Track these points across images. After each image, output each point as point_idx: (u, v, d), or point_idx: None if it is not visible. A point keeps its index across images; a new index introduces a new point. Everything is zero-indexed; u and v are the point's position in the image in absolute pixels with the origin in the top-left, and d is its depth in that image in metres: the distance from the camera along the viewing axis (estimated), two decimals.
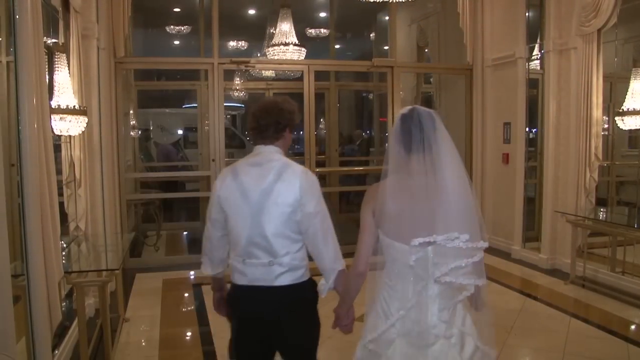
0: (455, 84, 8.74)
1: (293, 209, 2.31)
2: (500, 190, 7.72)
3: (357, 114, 15.13)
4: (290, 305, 2.35)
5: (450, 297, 2.00)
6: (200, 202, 9.47)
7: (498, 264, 7.00)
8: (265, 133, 2.43)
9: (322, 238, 2.34)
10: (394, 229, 2.01)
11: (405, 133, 2.01)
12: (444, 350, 1.98)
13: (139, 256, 7.54)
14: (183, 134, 13.05)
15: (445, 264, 1.94)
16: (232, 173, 2.43)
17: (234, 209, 2.38)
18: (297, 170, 2.38)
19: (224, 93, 7.38)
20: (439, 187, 1.96)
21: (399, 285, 2.04)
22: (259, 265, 2.33)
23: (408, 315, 2.01)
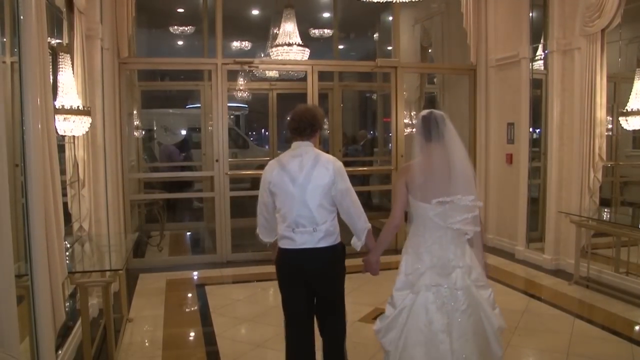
0: (459, 84, 8.72)
1: (329, 187, 3.14)
2: (504, 190, 7.69)
3: (361, 114, 15.11)
4: (328, 260, 3.18)
5: (459, 240, 2.92)
6: (204, 202, 9.55)
7: (502, 264, 6.98)
8: (304, 132, 3.23)
9: (353, 207, 3.19)
10: (420, 193, 2.92)
11: (426, 128, 2.96)
12: (459, 275, 2.88)
13: (143, 256, 7.53)
14: (186, 134, 13.06)
15: (458, 216, 2.87)
16: (279, 164, 3.22)
17: (283, 190, 3.15)
18: (329, 159, 3.22)
19: (227, 93, 7.37)
20: (449, 164, 2.88)
21: (427, 234, 2.95)
22: (305, 233, 3.13)
23: (432, 252, 2.92)
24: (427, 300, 2.88)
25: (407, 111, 9.26)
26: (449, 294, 2.86)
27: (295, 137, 3.28)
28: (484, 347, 2.93)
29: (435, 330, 2.84)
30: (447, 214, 2.88)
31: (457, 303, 2.85)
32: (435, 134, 2.95)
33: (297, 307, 3.26)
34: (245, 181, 12.47)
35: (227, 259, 7.27)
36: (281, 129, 11.68)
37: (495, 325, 2.96)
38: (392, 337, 2.98)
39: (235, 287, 6.33)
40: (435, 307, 2.86)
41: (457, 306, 2.85)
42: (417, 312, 2.89)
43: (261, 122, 17.51)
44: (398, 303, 2.98)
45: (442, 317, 2.85)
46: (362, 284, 3.86)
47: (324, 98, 10.53)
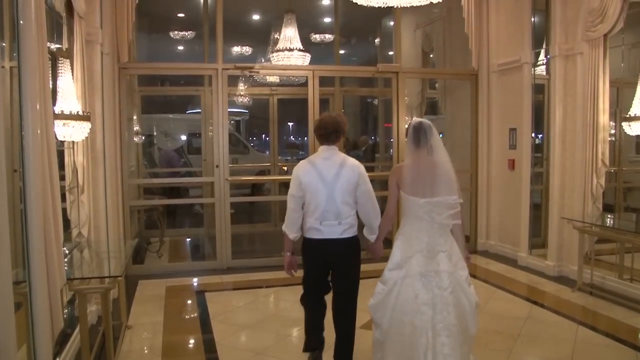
0: (461, 90, 8.72)
1: (354, 187, 3.75)
2: (506, 196, 7.68)
3: (362, 120, 15.12)
4: (349, 249, 3.81)
5: (443, 230, 3.47)
6: (204, 208, 9.47)
7: (504, 270, 6.96)
8: (329, 138, 3.83)
9: (371, 205, 3.82)
10: (410, 189, 3.50)
11: (416, 136, 3.51)
12: (443, 259, 3.41)
13: (142, 263, 7.51)
14: (187, 139, 13.06)
15: (442, 213, 3.45)
16: (310, 164, 3.82)
17: (314, 188, 3.74)
18: (354, 162, 3.83)
19: (227, 99, 7.37)
20: (434, 166, 3.47)
21: (416, 222, 3.49)
22: (331, 225, 3.73)
23: (421, 238, 3.45)
24: (415, 279, 3.43)
25: (408, 117, 9.17)
26: (434, 275, 3.40)
27: (322, 142, 3.89)
28: (463, 320, 3.43)
29: (419, 303, 3.37)
30: (434, 211, 3.45)
31: (440, 282, 3.39)
32: (424, 141, 3.51)
33: (316, 282, 3.95)
34: (246, 187, 12.51)
35: (228, 265, 7.25)
36: (282, 134, 11.64)
37: (473, 300, 3.47)
38: (384, 313, 3.52)
39: (236, 293, 6.31)
40: (422, 284, 3.40)
41: (441, 284, 3.38)
42: (406, 288, 3.43)
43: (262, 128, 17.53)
44: (390, 282, 3.52)
45: (426, 292, 3.38)
46: (364, 290, 4.01)
47: (324, 103, 10.49)
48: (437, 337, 3.33)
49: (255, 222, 10.92)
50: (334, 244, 3.78)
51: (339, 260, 3.83)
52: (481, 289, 6.11)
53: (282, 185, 10.14)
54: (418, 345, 3.34)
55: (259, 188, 11.98)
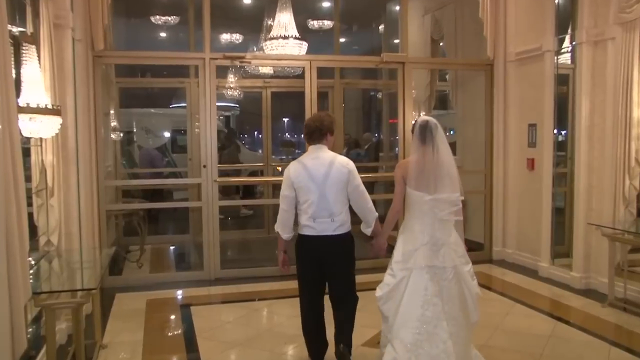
0: (474, 81, 8.70)
1: (344, 184, 4.18)
2: (525, 199, 7.65)
3: (365, 115, 15.16)
4: (342, 245, 4.24)
5: (446, 224, 3.96)
6: (189, 212, 9.48)
7: (523, 282, 6.92)
8: (313, 136, 4.29)
9: (364, 199, 4.27)
10: (415, 184, 3.96)
11: (422, 134, 3.96)
12: (447, 251, 3.91)
13: (120, 274, 7.49)
14: (170, 137, 13.04)
15: (445, 209, 3.93)
16: (300, 164, 4.25)
17: (305, 186, 4.17)
18: (343, 160, 4.28)
19: (216, 91, 7.38)
20: (438, 163, 3.92)
21: (421, 217, 3.95)
22: (324, 222, 4.16)
23: (428, 232, 3.91)
24: (422, 271, 3.90)
25: (415, 111, 9.23)
26: (440, 269, 3.89)
27: (309, 142, 4.36)
28: (466, 310, 3.97)
29: (429, 295, 3.85)
30: (437, 207, 3.92)
31: (445, 274, 3.89)
32: (430, 139, 3.94)
33: (312, 280, 4.31)
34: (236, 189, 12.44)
35: (216, 276, 7.24)
36: (276, 131, 11.64)
37: (474, 291, 4.01)
38: (392, 304, 3.96)
39: (225, 307, 6.30)
40: (429, 276, 3.88)
41: (446, 276, 3.89)
42: (415, 280, 3.89)
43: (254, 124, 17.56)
44: (398, 274, 3.97)
45: (434, 285, 3.87)
46: (367, 303, 4.30)
47: (323, 97, 10.54)
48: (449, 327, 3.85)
49: (247, 228, 10.95)
50: (328, 240, 4.20)
51: (333, 257, 4.25)
52: (497, 303, 6.13)
53: (277, 188, 10.13)
54: (434, 335, 3.80)
55: (251, 190, 11.93)
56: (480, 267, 7.46)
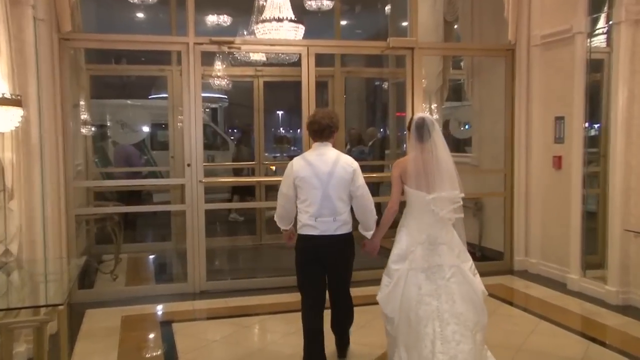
0: (493, 69, 8.67)
1: (348, 183, 4.53)
2: (551, 203, 7.63)
3: (369, 108, 15.34)
4: (344, 245, 4.61)
5: (444, 223, 4.31)
6: (171, 217, 9.52)
7: (550, 296, 6.87)
8: (323, 134, 4.62)
9: (367, 200, 4.61)
10: (413, 183, 4.35)
11: (419, 132, 4.33)
12: (445, 250, 4.26)
13: (91, 287, 7.47)
14: (150, 131, 12.99)
15: (445, 207, 4.26)
16: (304, 161, 4.59)
17: (309, 184, 4.52)
18: (348, 158, 4.64)
19: (201, 81, 7.37)
20: (437, 161, 4.28)
21: (419, 216, 4.36)
22: (326, 222, 4.50)
23: (425, 231, 4.30)
24: (418, 270, 4.27)
25: (426, 103, 9.27)
26: (437, 268, 4.24)
27: (315, 139, 4.68)
28: (472, 309, 4.22)
29: (422, 294, 4.20)
30: (437, 205, 4.26)
31: (443, 273, 4.23)
32: (427, 137, 4.31)
33: (313, 282, 4.66)
34: (224, 191, 12.36)
35: (201, 288, 7.24)
36: (269, 126, 11.65)
37: (479, 290, 4.29)
38: (393, 305, 4.31)
39: (211, 324, 6.32)
40: (425, 276, 4.24)
41: (443, 275, 4.23)
42: (411, 279, 4.26)
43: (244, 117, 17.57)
44: (395, 274, 4.34)
45: (430, 284, 4.21)
46: (371, 319, 4.64)
47: (322, 87, 10.62)
48: (446, 326, 4.12)
49: (237, 235, 10.95)
50: (329, 240, 4.55)
51: (334, 257, 4.62)
52: (520, 320, 6.12)
53: (270, 189, 10.10)
54: (424, 335, 4.12)
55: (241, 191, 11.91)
56: (500, 279, 7.53)
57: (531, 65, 7.85)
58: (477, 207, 8.89)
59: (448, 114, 9.93)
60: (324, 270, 4.67)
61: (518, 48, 7.94)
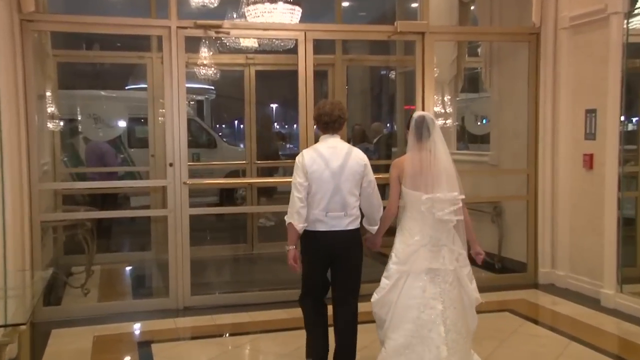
0: (515, 56, 8.64)
1: (360, 177, 4.79)
2: (581, 207, 7.57)
3: (374, 100, 15.30)
4: (354, 241, 4.88)
5: (445, 225, 4.56)
6: (151, 223, 9.52)
7: (581, 314, 6.79)
8: (335, 125, 4.85)
9: (375, 196, 4.92)
10: (411, 183, 4.62)
11: (418, 131, 4.64)
12: (447, 254, 4.52)
13: (59, 304, 7.43)
14: (127, 127, 12.95)
15: (444, 209, 4.49)
16: (316, 152, 4.82)
17: (320, 177, 4.74)
18: (359, 152, 4.89)
19: (185, 70, 7.35)
20: (436, 161, 4.57)
21: (419, 217, 4.60)
22: (337, 217, 4.75)
23: (427, 233, 4.55)
24: (421, 273, 4.50)
25: (438, 95, 9.32)
26: (441, 271, 4.50)
27: (325, 131, 4.91)
28: (464, 316, 4.57)
29: (427, 297, 4.44)
30: (435, 206, 4.51)
31: (447, 277, 4.50)
32: (426, 135, 4.61)
33: (318, 281, 4.98)
34: (211, 194, 12.28)
35: (185, 304, 7.21)
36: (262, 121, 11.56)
37: (473, 297, 4.66)
38: (388, 308, 4.57)
39: (196, 344, 6.32)
40: (429, 278, 4.49)
41: (446, 279, 4.50)
42: (413, 281, 4.50)
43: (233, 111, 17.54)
44: (394, 276, 4.59)
45: (434, 287, 4.47)
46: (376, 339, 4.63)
47: (321, 77, 10.72)
48: (448, 333, 4.40)
49: (226, 243, 10.94)
50: (340, 236, 4.81)
51: (344, 253, 4.87)
52: (546, 341, 6.05)
53: (263, 192, 10.00)
54: (427, 340, 4.38)
55: (229, 194, 11.83)
56: (523, 294, 7.49)
57: (558, 51, 7.78)
58: (497, 213, 8.84)
59: (463, 107, 9.88)
60: (330, 267, 4.95)
61: (544, 31, 7.87)
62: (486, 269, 8.15)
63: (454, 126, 10.25)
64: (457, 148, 10.37)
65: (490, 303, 6.98)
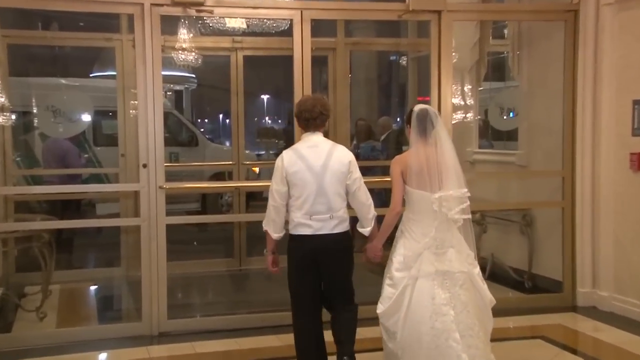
0: (548, 38, 8.58)
1: (344, 176, 5.14)
2: (628, 215, 7.55)
3: (381, 91, 15.24)
4: (343, 245, 5.22)
5: (451, 225, 4.92)
6: (121, 235, 9.49)
7: (628, 342, 6.72)
8: (316, 122, 5.22)
9: (364, 195, 5.24)
10: (416, 181, 4.93)
11: (421, 125, 5.01)
12: (454, 255, 4.89)
13: (9, 331, 7.40)
14: (92, 121, 12.88)
15: (453, 208, 4.83)
16: (296, 153, 5.18)
17: (301, 179, 5.07)
18: (343, 150, 5.28)
19: (161, 55, 7.32)
20: (441, 156, 4.93)
21: (422, 218, 4.94)
22: (322, 220, 5.08)
23: (429, 234, 4.86)
24: (428, 278, 4.79)
25: (457, 84, 9.46)
26: (449, 275, 4.80)
27: (306, 129, 5.29)
28: (480, 318, 4.86)
29: (438, 304, 4.71)
30: (444, 205, 4.81)
31: (455, 280, 4.80)
32: (430, 129, 4.95)
33: (307, 293, 5.24)
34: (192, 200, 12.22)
35: (160, 329, 7.20)
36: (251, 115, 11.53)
37: (487, 298, 4.99)
38: (397, 319, 4.83)
39: None
40: (437, 283, 4.77)
41: (455, 282, 4.80)
42: (421, 289, 4.78)
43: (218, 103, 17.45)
44: (400, 284, 4.86)
45: (443, 292, 4.75)
46: None
47: (320, 64, 10.91)
48: (463, 338, 4.66)
49: (208, 258, 10.90)
50: (326, 240, 5.13)
51: (331, 258, 5.19)
52: None
53: (252, 198, 9.90)
54: (446, 349, 4.64)
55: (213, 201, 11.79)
56: (558, 318, 7.43)
57: (601, 31, 7.74)
58: (526, 222, 8.77)
59: (487, 98, 9.83)
60: (320, 277, 5.27)
61: (583, 8, 7.82)
62: (515, 288, 8.15)
63: (475, 121, 10.24)
64: (479, 146, 10.31)
65: (521, 328, 6.99)
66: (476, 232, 8.10)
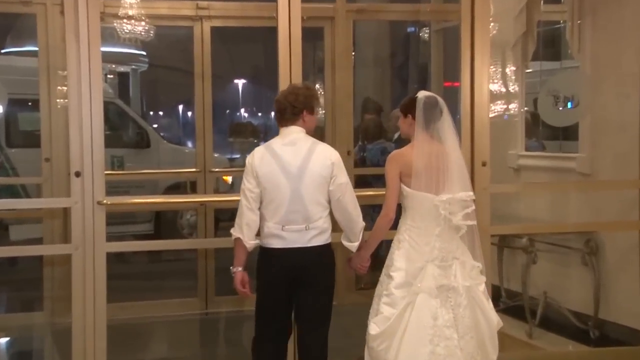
0: (619, 4, 8.62)
1: (326, 181, 5.47)
2: None
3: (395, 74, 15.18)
4: (320, 261, 5.56)
5: (454, 233, 5.40)
6: (43, 268, 9.47)
7: None
8: (285, 115, 5.60)
9: (352, 203, 5.60)
10: (418, 182, 5.31)
11: (427, 115, 5.42)
12: (458, 268, 5.32)
13: None
14: (4, 113, 12.85)
15: (458, 213, 5.32)
16: (269, 151, 5.54)
17: (274, 183, 5.44)
18: (326, 149, 5.64)
19: (100, 25, 7.23)
20: (447, 154, 5.41)
21: (425, 225, 5.37)
22: (297, 231, 5.43)
23: (432, 243, 5.30)
24: (430, 296, 5.14)
25: (497, 65, 9.82)
26: (452, 291, 5.20)
27: (279, 123, 5.66)
28: (482, 344, 5.27)
29: (440, 325, 5.08)
30: (449, 210, 5.24)
31: (459, 298, 5.19)
32: (437, 122, 5.37)
33: (275, 316, 5.63)
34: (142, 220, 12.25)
35: None
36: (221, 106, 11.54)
37: (494, 321, 5.36)
38: (391, 343, 5.17)
39: None
40: (439, 302, 5.13)
41: (460, 301, 5.19)
42: (421, 308, 5.13)
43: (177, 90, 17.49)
44: (399, 302, 5.21)
45: (446, 312, 5.13)
46: None
47: (314, 38, 11.23)
48: None
49: (165, 298, 10.85)
50: (300, 254, 5.49)
51: (308, 275, 5.53)
52: None
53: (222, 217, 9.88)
54: None
55: (171, 222, 11.82)
56: None
57: None
58: (590, 250, 8.68)
59: (536, 83, 9.77)
60: (291, 300, 5.64)
61: None
62: (576, 339, 8.07)
63: (520, 114, 10.27)
64: (527, 148, 10.29)
65: None
66: (523, 263, 8.16)
